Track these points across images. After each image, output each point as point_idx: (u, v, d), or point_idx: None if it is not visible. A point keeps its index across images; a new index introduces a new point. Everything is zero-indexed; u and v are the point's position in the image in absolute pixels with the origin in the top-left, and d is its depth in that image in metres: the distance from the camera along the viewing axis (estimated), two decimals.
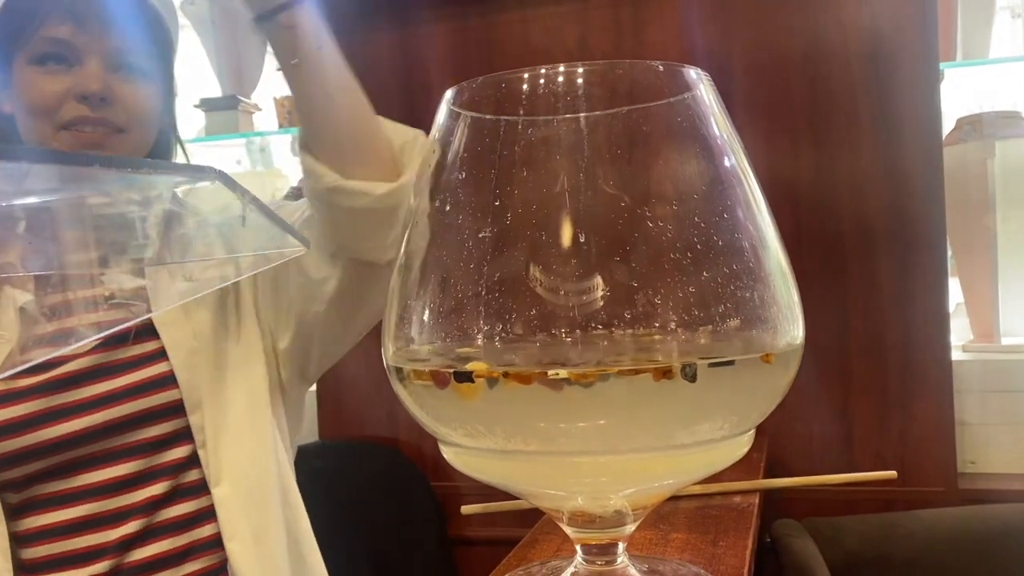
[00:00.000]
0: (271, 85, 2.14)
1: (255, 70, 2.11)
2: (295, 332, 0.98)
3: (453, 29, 1.54)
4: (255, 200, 0.33)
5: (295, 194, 1.93)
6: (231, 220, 0.34)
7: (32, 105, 0.90)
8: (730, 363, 0.38)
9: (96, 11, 0.91)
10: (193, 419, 0.92)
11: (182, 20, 2.07)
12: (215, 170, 0.31)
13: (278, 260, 0.35)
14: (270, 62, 2.15)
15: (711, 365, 0.37)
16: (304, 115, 0.88)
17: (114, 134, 0.92)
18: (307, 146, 0.88)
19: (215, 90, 2.08)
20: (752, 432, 0.42)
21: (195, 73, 2.11)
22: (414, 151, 0.89)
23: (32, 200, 0.31)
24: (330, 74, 0.86)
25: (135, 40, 0.93)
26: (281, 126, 2.03)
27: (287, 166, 2.26)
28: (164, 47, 0.99)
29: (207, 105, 2.03)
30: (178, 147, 1.06)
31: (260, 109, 2.10)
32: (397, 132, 0.89)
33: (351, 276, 0.92)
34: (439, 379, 0.38)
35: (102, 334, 0.73)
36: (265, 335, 0.99)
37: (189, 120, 2.10)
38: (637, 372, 0.37)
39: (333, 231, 0.90)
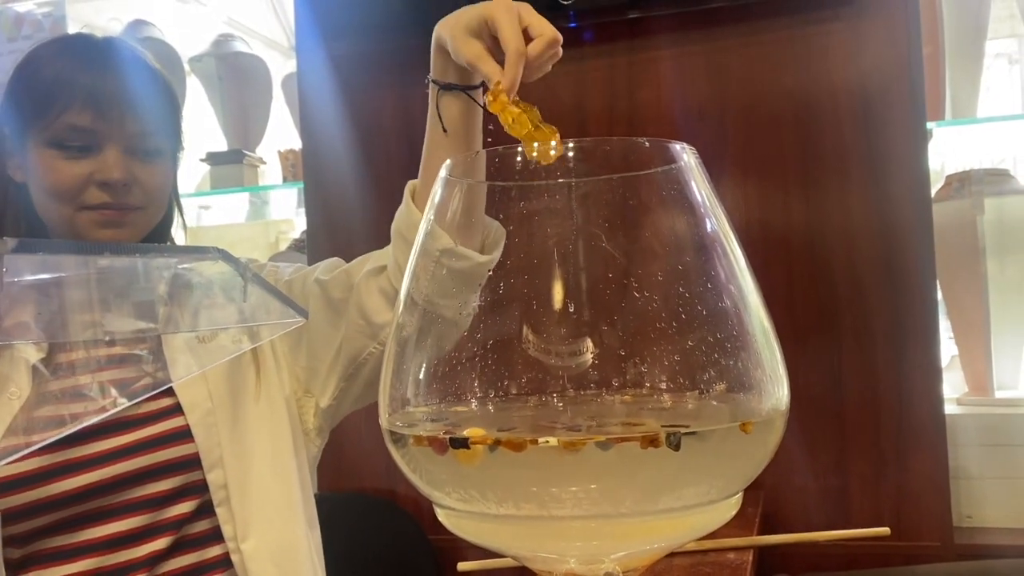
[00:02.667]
0: (275, 139, 2.18)
1: (260, 124, 2.15)
2: (339, 380, 1.00)
3: None
4: (256, 276, 0.35)
5: (297, 246, 1.96)
6: (233, 294, 0.36)
7: (54, 189, 0.93)
8: (713, 431, 0.39)
9: (115, 98, 0.93)
10: (211, 476, 0.93)
11: (189, 75, 2.12)
12: (217, 249, 0.32)
13: (280, 331, 0.36)
14: (275, 116, 2.19)
15: (693, 433, 0.38)
16: (430, 178, 0.93)
17: (132, 212, 0.95)
18: (420, 201, 0.93)
19: (220, 143, 2.12)
20: (740, 495, 0.43)
21: (201, 127, 2.15)
22: (500, 236, 0.93)
23: (47, 276, 0.33)
24: (472, 149, 0.91)
25: (152, 123, 0.97)
26: (285, 179, 2.07)
27: (289, 217, 2.29)
28: (176, 119, 1.02)
29: (213, 159, 2.06)
30: (175, 206, 1.08)
31: (265, 163, 2.13)
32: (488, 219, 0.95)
33: (415, 324, 0.95)
34: (436, 445, 0.39)
35: (118, 408, 0.74)
36: (293, 390, 1.01)
37: (195, 173, 2.14)
38: (624, 440, 0.38)
39: (424, 284, 0.92)
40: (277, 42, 2.68)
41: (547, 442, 0.38)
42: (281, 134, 2.23)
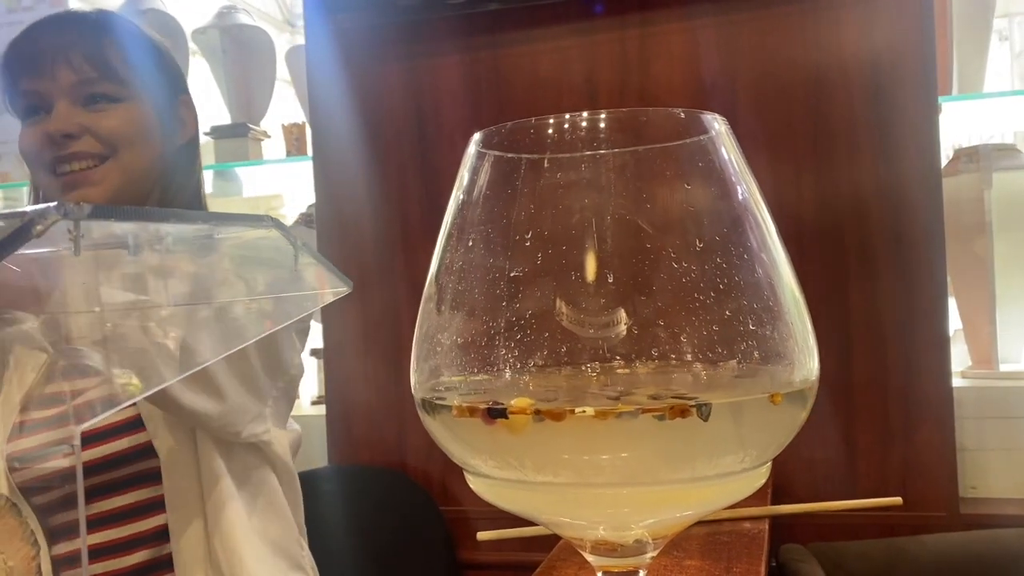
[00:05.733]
0: (279, 113, 2.17)
1: (264, 98, 2.14)
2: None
3: (462, 62, 1.57)
4: (306, 245, 0.35)
5: (304, 220, 1.96)
6: (282, 263, 0.37)
7: (24, 157, 0.95)
8: (743, 402, 0.40)
9: (51, 55, 0.93)
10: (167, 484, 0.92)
11: (192, 48, 2.11)
12: (271, 218, 0.33)
13: (330, 299, 0.37)
14: (279, 90, 2.18)
15: (728, 404, 0.39)
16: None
17: (97, 166, 0.94)
18: None
19: (224, 118, 2.11)
20: (769, 464, 0.44)
21: (205, 101, 2.14)
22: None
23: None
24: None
25: (98, 69, 0.95)
26: (289, 153, 2.06)
27: (294, 192, 2.29)
28: (147, 61, 1.00)
29: (216, 133, 2.05)
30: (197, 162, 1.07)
31: (269, 136, 2.13)
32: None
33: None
34: (480, 415, 0.40)
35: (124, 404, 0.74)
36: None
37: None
38: (654, 411, 0.39)
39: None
40: (272, 15, 2.66)
41: (584, 412, 0.38)
42: (285, 108, 2.22)
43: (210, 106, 2.15)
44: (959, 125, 1.80)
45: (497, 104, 1.56)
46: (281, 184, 2.30)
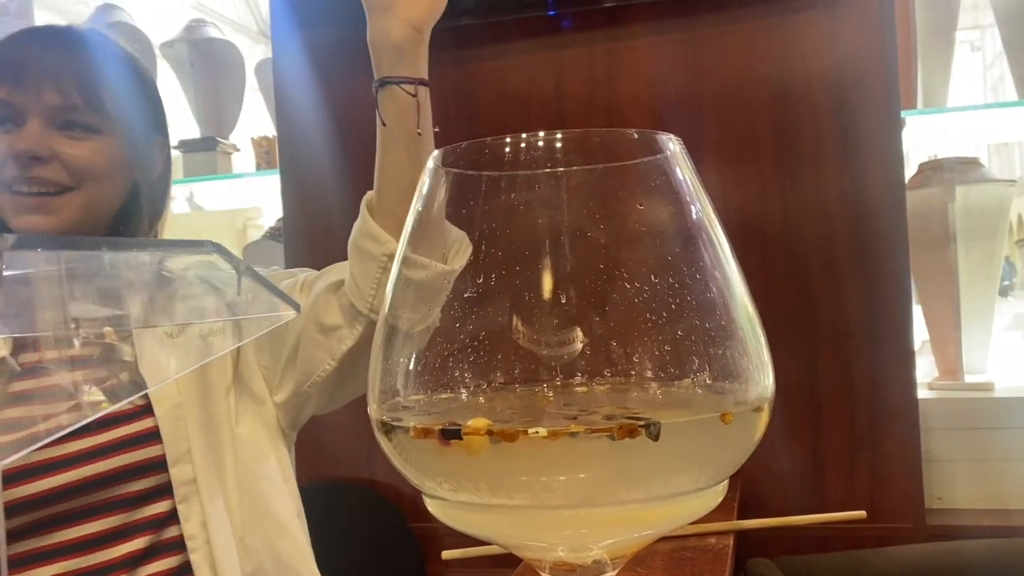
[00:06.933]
0: (249, 126, 2.16)
1: (233, 111, 2.12)
2: (294, 388, 0.99)
3: (430, 77, 1.57)
4: (249, 269, 0.35)
5: (272, 234, 1.94)
6: (226, 288, 0.36)
7: None
8: (696, 421, 0.40)
9: (36, 70, 0.90)
10: (175, 471, 0.91)
11: (160, 61, 2.09)
12: (211, 243, 0.32)
13: (271, 325, 0.36)
14: (248, 103, 2.17)
15: (678, 424, 0.39)
16: (384, 185, 0.91)
17: (58, 194, 0.91)
18: (375, 212, 0.91)
19: (193, 131, 2.10)
20: (726, 482, 0.44)
21: (173, 114, 2.12)
22: (462, 246, 0.91)
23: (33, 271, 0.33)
24: (423, 152, 0.88)
25: (85, 97, 0.92)
26: (259, 167, 2.05)
27: (258, 205, 2.27)
28: (137, 100, 0.98)
29: (185, 147, 2.04)
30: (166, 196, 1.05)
31: (238, 150, 2.11)
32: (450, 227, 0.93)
33: (369, 337, 0.93)
34: (435, 436, 0.39)
35: (101, 412, 0.73)
36: (265, 384, 1.00)
37: None
38: (605, 431, 0.38)
39: (371, 291, 0.91)
40: (246, 27, 2.65)
41: (536, 432, 0.38)
42: (255, 122, 2.21)
43: (179, 119, 2.13)
44: (929, 137, 1.83)
45: (465, 119, 1.56)
46: (258, 197, 2.29)
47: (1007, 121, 1.74)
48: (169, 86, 2.11)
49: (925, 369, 1.62)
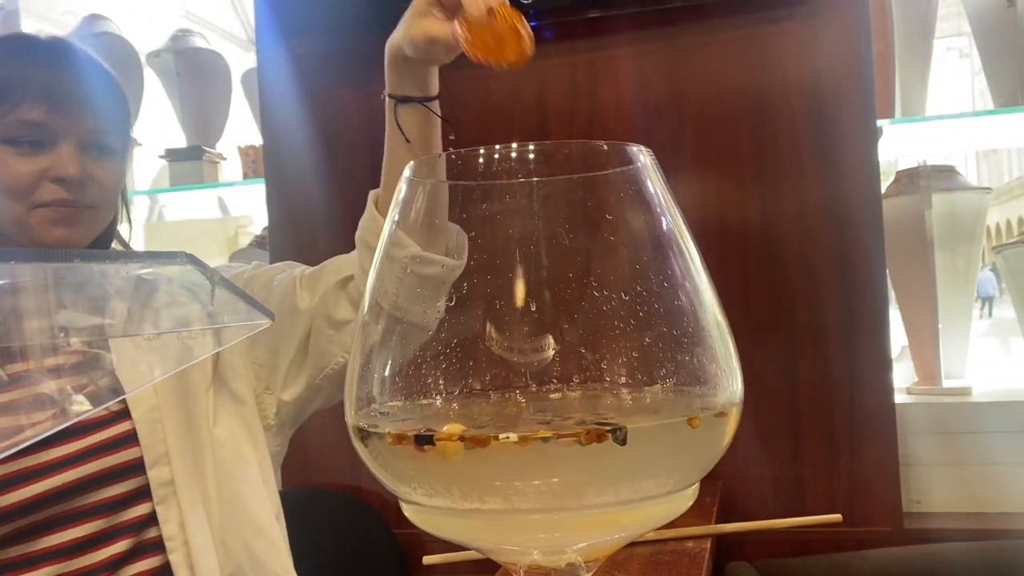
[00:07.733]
0: (235, 135, 2.17)
1: (219, 120, 2.13)
2: (307, 382, 1.01)
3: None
4: (223, 280, 0.36)
5: (258, 242, 1.95)
6: (201, 298, 0.37)
7: (6, 186, 0.91)
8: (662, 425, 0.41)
9: (69, 93, 0.92)
10: (153, 474, 0.92)
11: (147, 71, 2.10)
12: (184, 254, 0.33)
13: (246, 333, 0.37)
14: (234, 111, 2.17)
15: (645, 428, 0.40)
16: (391, 186, 0.92)
17: (86, 210, 0.94)
18: (383, 208, 0.95)
19: (180, 140, 2.10)
20: (696, 486, 0.45)
21: (160, 123, 2.12)
22: (463, 241, 0.94)
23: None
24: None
25: (106, 119, 0.96)
26: (245, 175, 2.05)
27: (249, 213, 2.27)
28: (127, 120, 1.02)
29: (172, 156, 2.04)
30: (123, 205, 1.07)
31: (225, 159, 2.12)
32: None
33: (386, 332, 0.95)
34: (410, 442, 0.40)
35: (80, 416, 0.74)
36: (253, 385, 1.01)
37: (154, 170, 2.12)
38: (573, 436, 0.39)
39: (395, 289, 0.92)
40: (235, 35, 2.65)
41: (507, 438, 0.39)
42: (241, 130, 2.21)
43: (165, 128, 2.14)
44: (911, 145, 1.84)
45: (445, 140, 1.57)
46: (249, 206, 2.29)
47: (986, 129, 1.77)
48: (156, 95, 2.11)
49: (904, 374, 1.64)
